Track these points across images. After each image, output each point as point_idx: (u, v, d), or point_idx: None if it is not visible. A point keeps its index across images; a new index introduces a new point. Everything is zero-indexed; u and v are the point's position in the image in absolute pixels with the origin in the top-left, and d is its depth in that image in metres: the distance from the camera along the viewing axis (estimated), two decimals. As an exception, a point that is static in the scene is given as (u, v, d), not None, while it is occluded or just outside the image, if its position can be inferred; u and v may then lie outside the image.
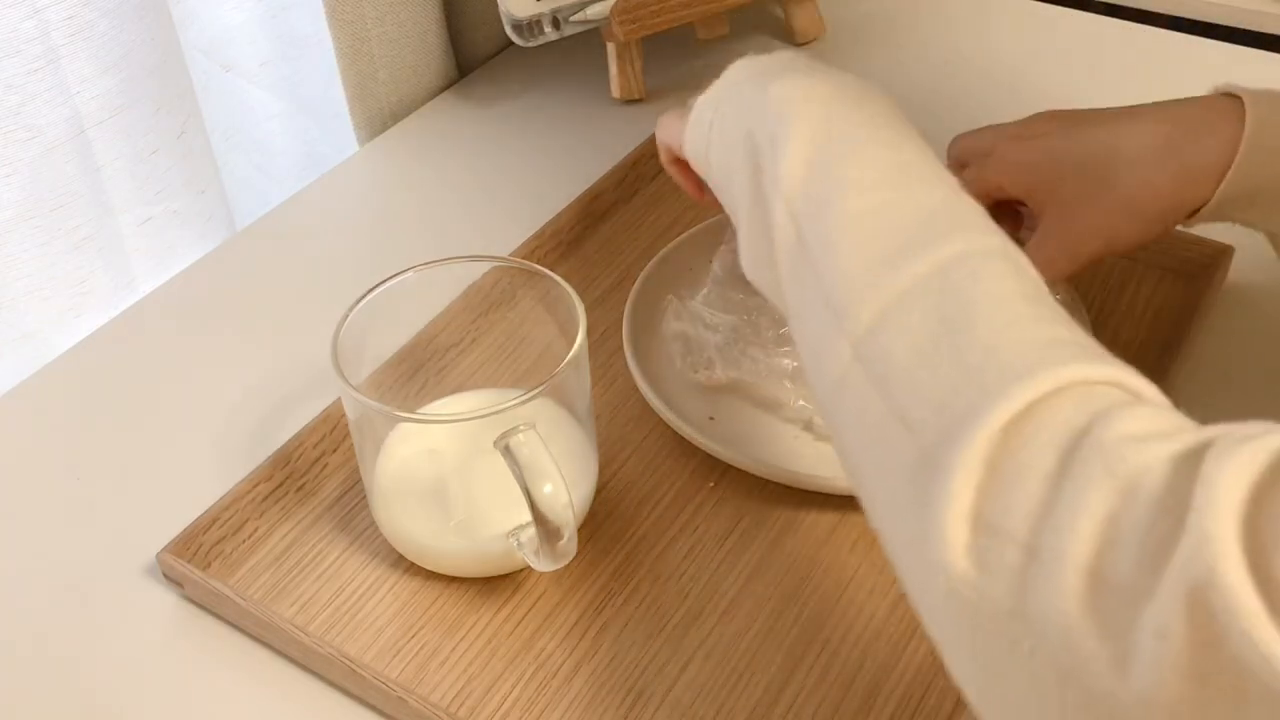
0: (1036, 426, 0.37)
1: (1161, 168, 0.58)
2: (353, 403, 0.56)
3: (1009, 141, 0.62)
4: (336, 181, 0.88)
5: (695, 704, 0.54)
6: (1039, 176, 0.60)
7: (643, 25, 0.89)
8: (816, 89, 0.52)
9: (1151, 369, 0.66)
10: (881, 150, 0.49)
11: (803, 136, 0.49)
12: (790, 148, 0.49)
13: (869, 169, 0.48)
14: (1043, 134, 0.61)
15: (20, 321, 0.76)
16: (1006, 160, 0.61)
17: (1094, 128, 0.60)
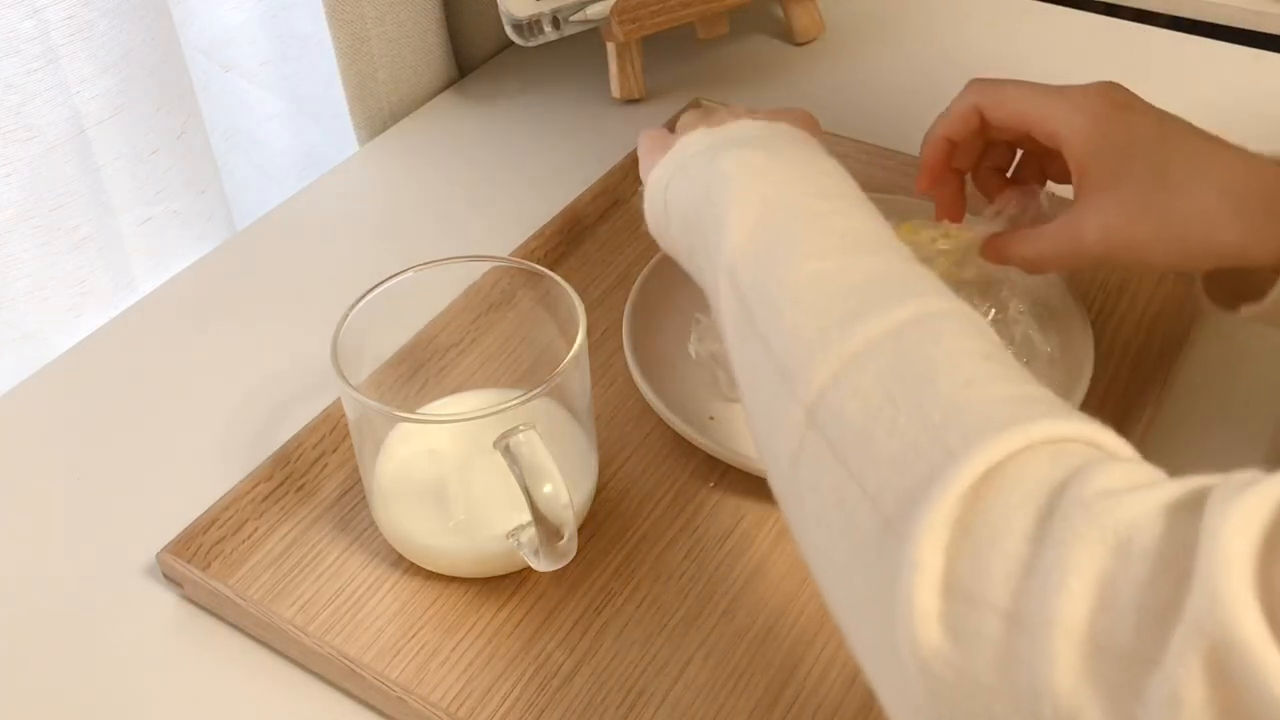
0: (1009, 484, 0.34)
1: (1222, 210, 0.53)
2: (353, 403, 0.56)
3: (1104, 104, 0.56)
4: (336, 181, 0.88)
5: (695, 704, 0.54)
6: (1107, 157, 0.56)
7: (643, 25, 0.89)
8: (766, 163, 0.51)
9: (1151, 371, 0.66)
10: (831, 219, 0.48)
11: (746, 206, 0.49)
12: (732, 219, 0.48)
13: (817, 236, 0.47)
14: (1129, 108, 0.56)
15: (20, 321, 0.76)
16: (1088, 119, 0.56)
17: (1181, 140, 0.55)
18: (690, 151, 0.55)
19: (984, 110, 0.61)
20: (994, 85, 0.61)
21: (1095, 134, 0.56)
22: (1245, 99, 0.88)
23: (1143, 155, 0.55)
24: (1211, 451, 0.64)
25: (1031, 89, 0.59)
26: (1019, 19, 1.00)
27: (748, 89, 0.92)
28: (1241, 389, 0.67)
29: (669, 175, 0.55)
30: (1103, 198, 0.56)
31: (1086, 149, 0.56)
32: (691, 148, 0.55)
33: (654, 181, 0.57)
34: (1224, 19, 1.15)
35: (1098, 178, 0.56)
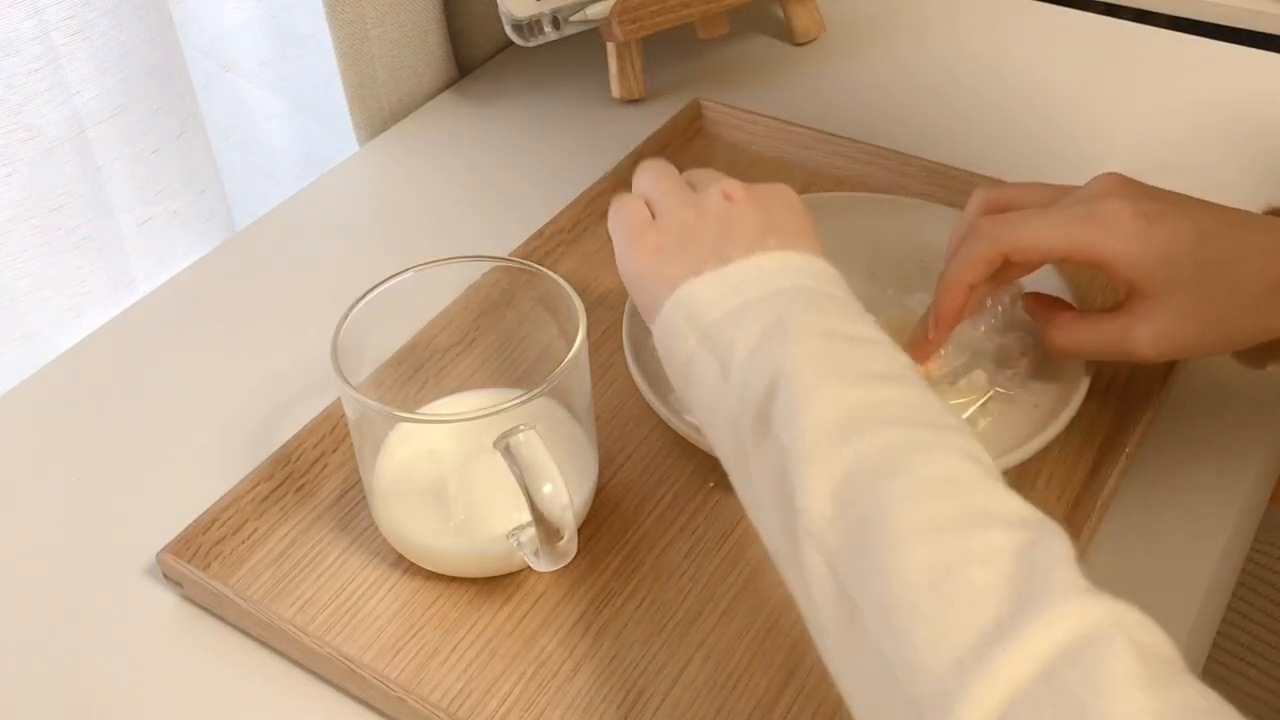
0: None
1: (1266, 294, 0.56)
2: (353, 403, 0.56)
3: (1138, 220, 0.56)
4: (336, 181, 0.88)
5: (695, 704, 0.54)
6: (1155, 273, 0.56)
7: (643, 25, 0.89)
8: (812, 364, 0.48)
9: (1151, 371, 0.66)
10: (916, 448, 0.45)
11: (819, 457, 0.45)
12: (808, 477, 0.45)
13: (911, 489, 0.43)
14: (1160, 215, 0.57)
15: (20, 321, 0.76)
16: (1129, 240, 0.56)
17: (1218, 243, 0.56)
18: (710, 318, 0.51)
19: (1013, 257, 0.59)
20: (1010, 223, 0.59)
21: (1137, 253, 0.56)
22: (1245, 99, 0.88)
23: (1186, 263, 0.56)
24: (1211, 452, 0.64)
25: (1054, 220, 0.58)
26: (1019, 19, 1.00)
27: (748, 89, 0.92)
28: (1242, 389, 0.67)
29: (690, 348, 0.52)
30: (1152, 307, 0.57)
31: (1133, 269, 0.57)
32: (710, 312, 0.52)
33: (669, 339, 0.53)
34: (1224, 19, 1.16)
35: (1146, 289, 0.57)
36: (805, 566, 0.44)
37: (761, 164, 0.84)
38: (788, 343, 0.49)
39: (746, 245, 0.53)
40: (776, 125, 0.84)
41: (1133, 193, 0.58)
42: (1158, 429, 0.64)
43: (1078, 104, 0.89)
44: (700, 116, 0.87)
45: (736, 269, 0.53)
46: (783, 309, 0.50)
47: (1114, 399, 0.66)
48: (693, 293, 0.52)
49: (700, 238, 0.55)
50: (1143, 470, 0.62)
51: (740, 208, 0.56)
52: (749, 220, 0.55)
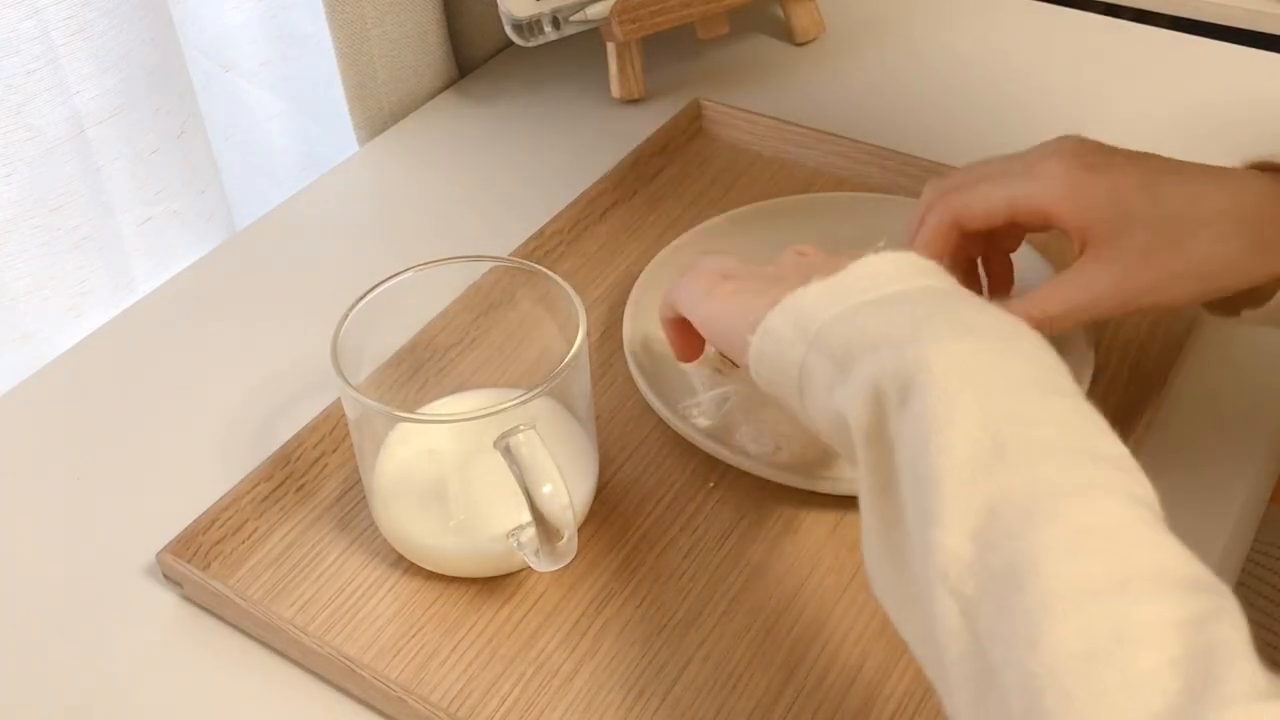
0: None
1: (1235, 240, 0.54)
2: (353, 403, 0.56)
3: (1077, 170, 0.56)
4: (336, 181, 0.88)
5: (695, 704, 0.54)
6: (1104, 217, 0.55)
7: (643, 25, 0.89)
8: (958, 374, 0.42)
9: (1151, 371, 0.66)
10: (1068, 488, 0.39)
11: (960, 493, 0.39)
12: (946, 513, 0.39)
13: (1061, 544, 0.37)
14: (1106, 166, 0.56)
15: (20, 321, 0.76)
16: (1070, 189, 0.56)
17: (1170, 182, 0.55)
18: (822, 320, 0.46)
19: (962, 223, 0.58)
20: (956, 192, 0.58)
21: (1082, 201, 0.55)
22: (1245, 99, 0.88)
23: (1135, 208, 0.55)
24: (1211, 452, 0.64)
25: (995, 181, 0.58)
26: (1019, 19, 1.00)
27: (748, 89, 0.92)
28: (1242, 390, 0.67)
29: (800, 355, 0.47)
30: (1107, 254, 0.55)
31: (1079, 216, 0.56)
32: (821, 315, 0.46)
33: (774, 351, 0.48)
34: (1224, 19, 1.15)
35: (1100, 239, 0.55)
36: (937, 612, 0.39)
37: (761, 164, 0.84)
38: (921, 340, 0.42)
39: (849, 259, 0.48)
40: (776, 125, 0.84)
41: (1079, 150, 0.57)
42: (1158, 429, 0.64)
43: (1078, 104, 0.89)
44: (700, 116, 0.87)
45: (850, 273, 0.47)
46: (912, 306, 0.45)
47: (1114, 399, 0.66)
48: (800, 302, 0.47)
49: (788, 277, 0.51)
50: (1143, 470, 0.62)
51: (816, 259, 0.53)
52: (828, 264, 0.50)
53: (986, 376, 0.42)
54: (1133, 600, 0.36)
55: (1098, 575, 0.36)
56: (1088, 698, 0.34)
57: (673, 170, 0.84)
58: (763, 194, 0.81)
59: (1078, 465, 0.40)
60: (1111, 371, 0.67)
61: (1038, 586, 0.36)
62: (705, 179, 0.83)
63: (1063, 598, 0.36)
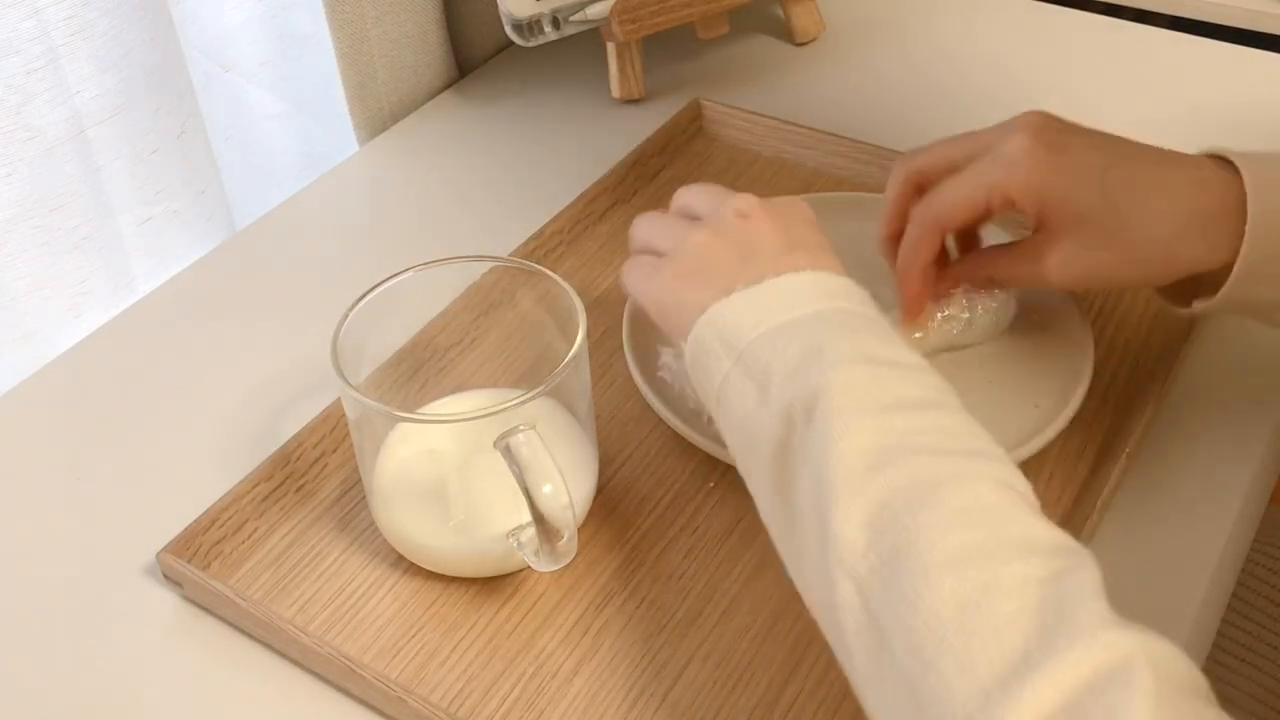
0: None
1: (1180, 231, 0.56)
2: (353, 403, 0.56)
3: (1040, 151, 0.57)
4: (336, 181, 0.88)
5: (695, 704, 0.54)
6: (1057, 202, 0.57)
7: (643, 25, 0.89)
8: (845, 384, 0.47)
9: (1151, 371, 0.66)
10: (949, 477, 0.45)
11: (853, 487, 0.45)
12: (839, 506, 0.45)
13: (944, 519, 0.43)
14: (1065, 147, 0.58)
15: (20, 321, 0.76)
16: (1028, 175, 0.57)
17: (1123, 170, 0.57)
18: (746, 340, 0.51)
19: (945, 226, 0.61)
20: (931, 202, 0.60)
21: (1039, 183, 0.57)
22: (1245, 99, 0.88)
23: (1093, 191, 0.57)
24: (1211, 452, 0.64)
25: (962, 181, 0.59)
26: (1019, 19, 1.00)
27: (748, 89, 0.92)
28: (1242, 389, 0.67)
29: (724, 369, 0.51)
30: (1060, 234, 0.58)
31: (1036, 197, 0.58)
32: (746, 334, 0.51)
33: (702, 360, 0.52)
34: (1224, 19, 1.16)
35: (1056, 219, 0.58)
36: (836, 594, 0.44)
37: (761, 164, 0.84)
38: (824, 368, 0.48)
39: (774, 263, 0.53)
40: (776, 125, 0.84)
41: (1040, 126, 0.58)
42: (1158, 429, 0.64)
43: (1078, 104, 0.89)
44: (700, 116, 0.87)
45: (770, 288, 0.52)
46: (820, 332, 0.50)
47: (1114, 399, 0.66)
48: (725, 313, 0.52)
49: (722, 257, 0.54)
50: (1143, 470, 0.62)
51: (757, 224, 0.55)
52: (770, 237, 0.54)
53: (878, 397, 0.47)
54: (999, 562, 0.41)
55: (970, 545, 0.42)
56: (961, 643, 0.40)
57: (673, 170, 0.84)
58: (763, 194, 0.80)
59: (955, 461, 0.46)
60: (1111, 371, 0.67)
61: (919, 558, 0.42)
62: (705, 179, 0.83)
63: (939, 565, 0.42)
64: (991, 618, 0.40)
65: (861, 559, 0.43)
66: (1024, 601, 0.40)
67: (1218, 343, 0.69)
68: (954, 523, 0.43)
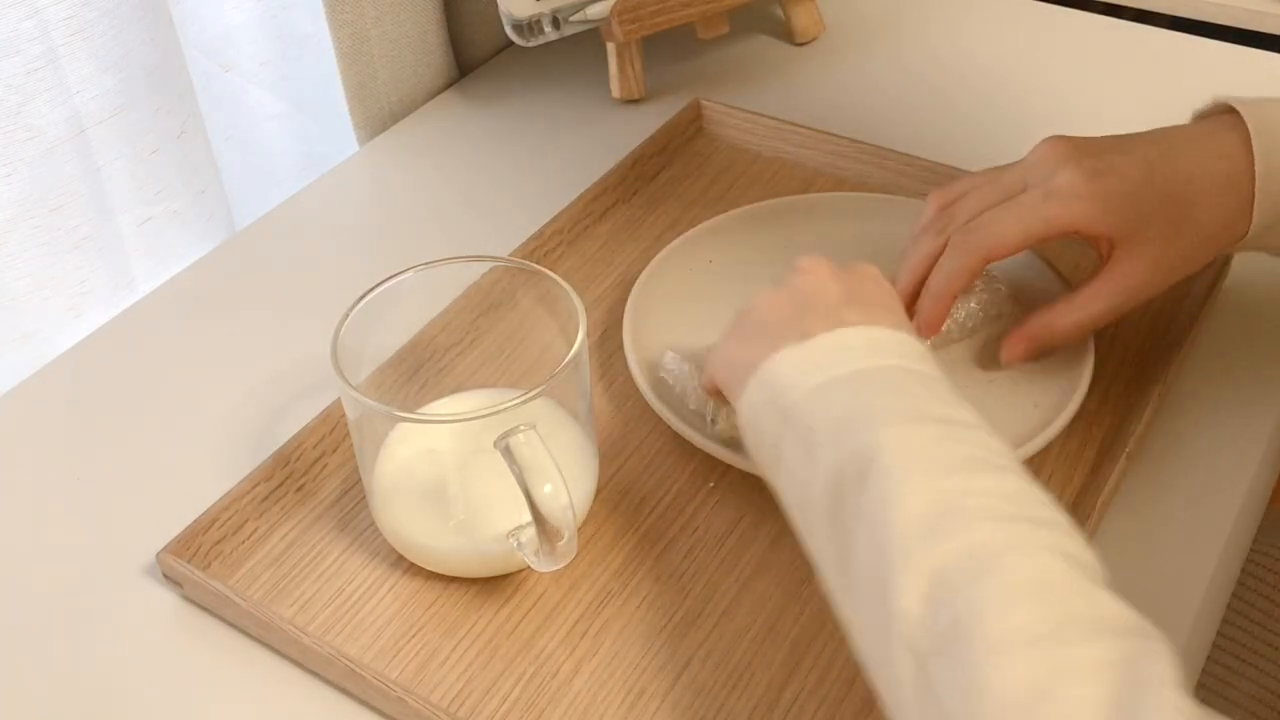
0: None
1: (1230, 202, 0.59)
2: (353, 403, 0.56)
3: (1093, 181, 0.59)
4: (336, 181, 0.88)
5: (695, 704, 0.54)
6: (1125, 219, 0.59)
7: (643, 25, 0.89)
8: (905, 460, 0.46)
9: (1151, 371, 0.66)
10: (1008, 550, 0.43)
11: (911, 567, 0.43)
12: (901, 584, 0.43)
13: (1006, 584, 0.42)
14: (1109, 169, 0.59)
15: (20, 321, 0.76)
16: (1092, 204, 0.59)
17: (1164, 167, 0.59)
18: (792, 398, 0.50)
19: (994, 257, 0.61)
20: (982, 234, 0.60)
21: (1100, 209, 0.59)
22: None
23: (1147, 204, 0.59)
24: (1211, 452, 0.64)
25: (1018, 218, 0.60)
26: (1019, 19, 1.00)
27: (748, 89, 0.92)
28: (1242, 389, 0.67)
29: (775, 431, 0.50)
30: (1139, 251, 0.60)
31: (1102, 222, 0.59)
32: (791, 392, 0.50)
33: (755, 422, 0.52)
34: (1224, 19, 1.16)
35: (1120, 232, 0.59)
36: (897, 667, 0.43)
37: (761, 164, 0.84)
38: (875, 427, 0.47)
39: (826, 319, 0.52)
40: (776, 125, 0.84)
41: (1077, 154, 0.60)
42: (1158, 429, 0.64)
43: (1078, 104, 0.89)
44: (700, 116, 0.87)
45: (818, 344, 0.51)
46: (868, 390, 0.49)
47: (1114, 399, 0.66)
48: (773, 372, 0.51)
49: (778, 314, 0.54)
50: (1143, 470, 0.62)
51: (816, 278, 0.55)
52: (828, 291, 0.54)
53: (932, 459, 0.46)
54: (1067, 643, 0.40)
55: (1034, 624, 0.40)
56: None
57: (673, 170, 0.84)
58: (763, 194, 0.81)
59: (1013, 528, 0.44)
60: (1112, 371, 0.67)
61: (983, 637, 0.40)
62: (705, 179, 0.83)
63: (1004, 646, 0.40)
64: (1062, 706, 0.38)
65: (922, 633, 0.42)
66: (1095, 689, 0.38)
67: (1218, 343, 0.69)
68: (1016, 598, 0.41)
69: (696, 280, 0.73)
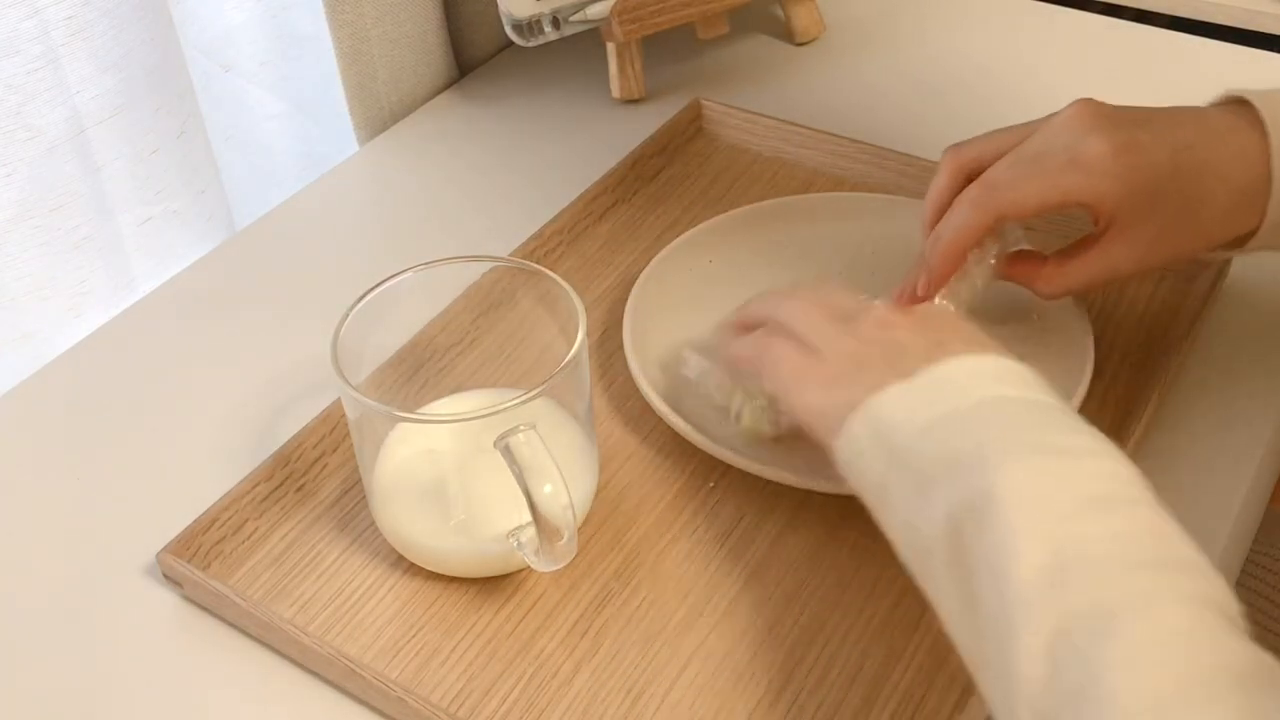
0: None
1: (1237, 206, 0.58)
2: (353, 403, 0.56)
3: (1122, 156, 0.57)
4: (336, 181, 0.88)
5: (695, 704, 0.54)
6: (1139, 203, 0.58)
7: (643, 25, 0.89)
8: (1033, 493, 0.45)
9: (1151, 371, 0.66)
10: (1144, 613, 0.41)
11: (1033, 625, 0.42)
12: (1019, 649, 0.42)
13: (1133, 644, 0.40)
14: (1137, 146, 0.58)
15: (20, 321, 0.76)
16: (1115, 181, 0.57)
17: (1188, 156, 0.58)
18: (901, 438, 0.48)
19: (1006, 215, 0.59)
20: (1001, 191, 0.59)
21: (1121, 191, 0.58)
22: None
23: (1165, 187, 0.58)
24: (1212, 452, 0.64)
25: (1041, 181, 0.58)
26: (1019, 19, 1.00)
27: (748, 89, 0.92)
28: (1242, 389, 0.67)
29: (880, 471, 0.49)
30: (1136, 235, 0.59)
31: (1116, 205, 0.58)
32: (900, 431, 0.49)
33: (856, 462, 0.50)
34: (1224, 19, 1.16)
35: (1129, 220, 0.59)
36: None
37: (761, 164, 0.84)
38: (989, 467, 0.45)
39: (926, 356, 0.51)
40: (776, 125, 0.84)
41: (1107, 124, 0.59)
42: (1158, 429, 0.64)
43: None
44: (700, 116, 0.87)
45: (925, 379, 0.50)
46: (980, 424, 0.47)
47: (1114, 398, 0.66)
48: (878, 410, 0.50)
49: (871, 362, 0.52)
50: (1143, 470, 0.62)
51: (901, 331, 0.54)
52: (917, 340, 0.53)
53: (1051, 500, 0.44)
54: (1195, 706, 0.38)
55: (1160, 687, 0.39)
56: None
57: (673, 170, 0.84)
58: (763, 194, 0.81)
59: (1139, 577, 0.42)
60: (1112, 371, 0.67)
61: (1109, 705, 0.39)
62: (705, 179, 0.83)
63: (1130, 713, 0.38)
64: None
65: (1044, 694, 0.41)
66: None
67: (1218, 343, 0.69)
68: (1142, 659, 0.40)
69: (696, 280, 0.73)
